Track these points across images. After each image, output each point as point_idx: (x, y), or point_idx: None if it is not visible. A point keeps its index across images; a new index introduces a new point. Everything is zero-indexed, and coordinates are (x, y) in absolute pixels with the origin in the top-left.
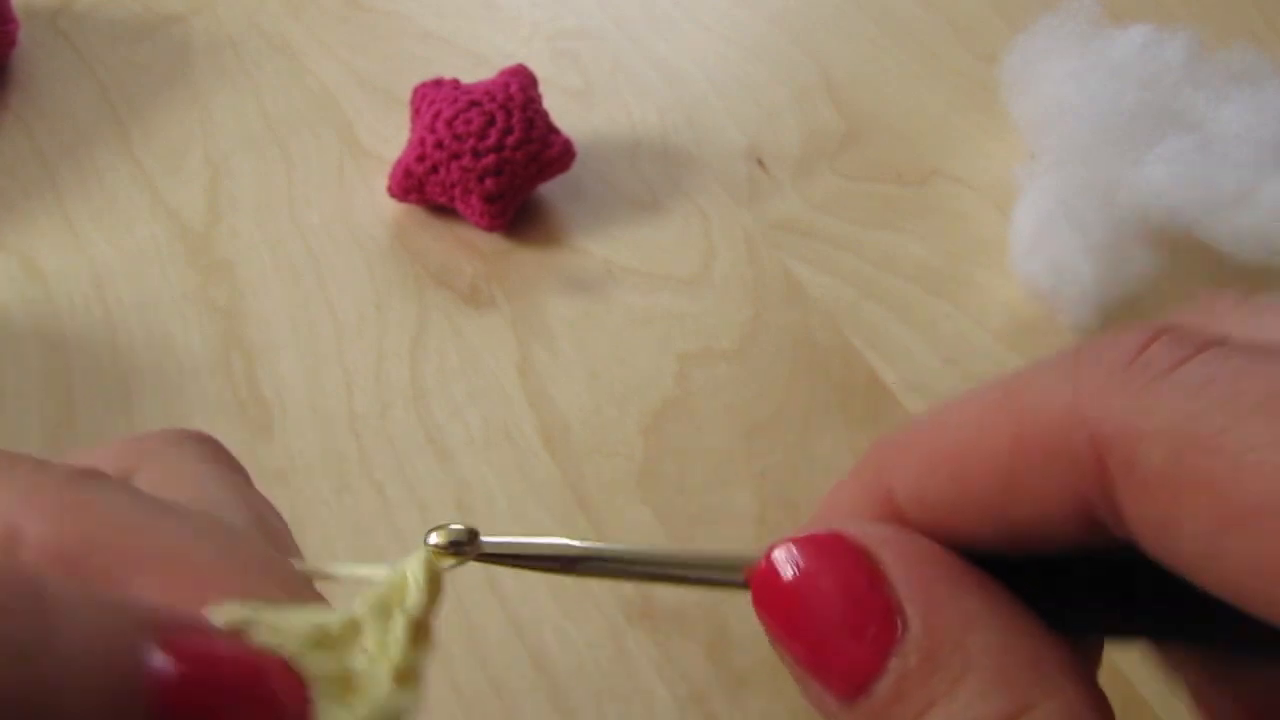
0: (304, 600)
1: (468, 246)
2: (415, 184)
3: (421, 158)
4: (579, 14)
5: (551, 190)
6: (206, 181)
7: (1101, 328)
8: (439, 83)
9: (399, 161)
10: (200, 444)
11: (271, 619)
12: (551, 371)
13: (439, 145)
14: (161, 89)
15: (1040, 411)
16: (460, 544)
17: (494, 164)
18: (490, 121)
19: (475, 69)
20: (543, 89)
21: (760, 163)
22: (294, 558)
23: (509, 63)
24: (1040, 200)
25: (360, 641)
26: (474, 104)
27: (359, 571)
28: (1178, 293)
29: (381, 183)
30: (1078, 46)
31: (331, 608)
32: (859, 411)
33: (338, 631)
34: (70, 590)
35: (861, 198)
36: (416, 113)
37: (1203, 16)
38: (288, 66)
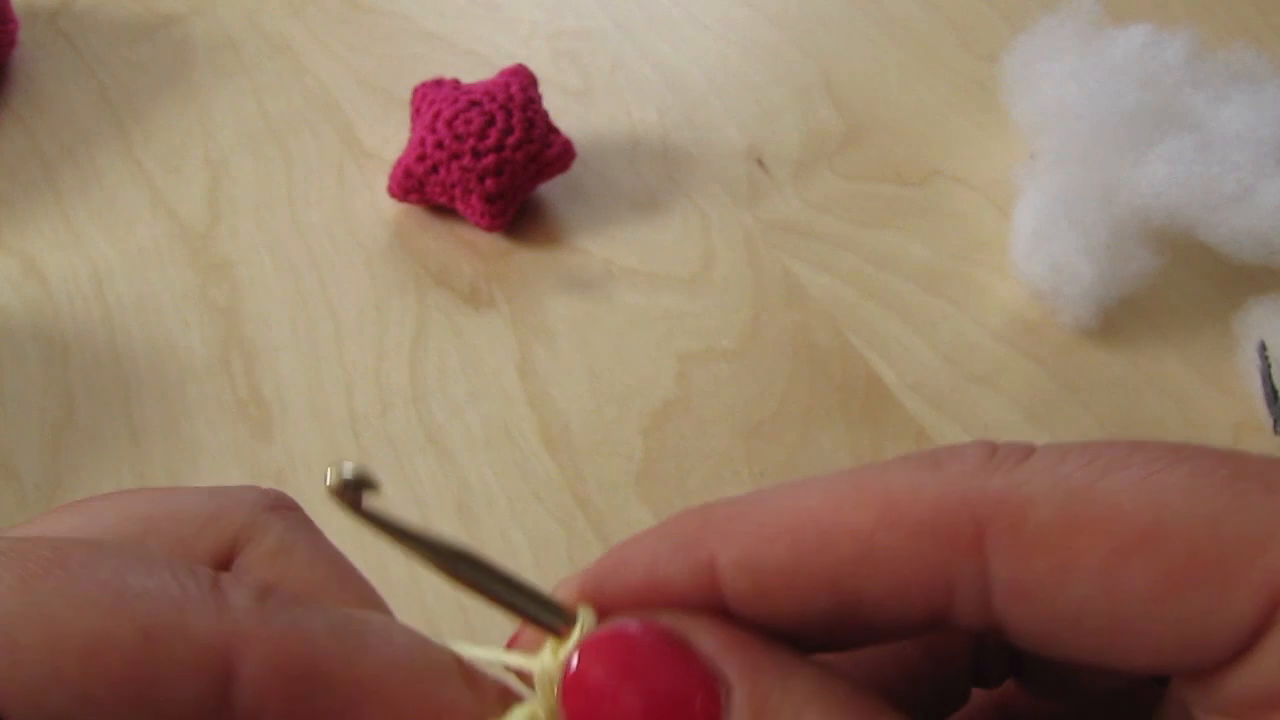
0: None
1: (468, 246)
2: (415, 184)
3: (422, 158)
4: (579, 14)
5: (551, 190)
6: (206, 181)
7: (1101, 328)
8: (439, 83)
9: (399, 161)
10: (293, 513)
11: None
12: (551, 371)
13: (439, 145)
14: (161, 89)
15: (906, 492)
16: (350, 490)
17: (494, 164)
18: (490, 121)
19: (475, 69)
20: (543, 89)
21: (760, 163)
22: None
23: (509, 63)
24: (1040, 200)
25: None
26: (474, 104)
27: (501, 658)
28: (1178, 293)
29: (381, 183)
30: (1078, 46)
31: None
32: (859, 411)
33: None
34: None
35: (861, 198)
36: (417, 113)
37: (1203, 16)
38: (288, 66)
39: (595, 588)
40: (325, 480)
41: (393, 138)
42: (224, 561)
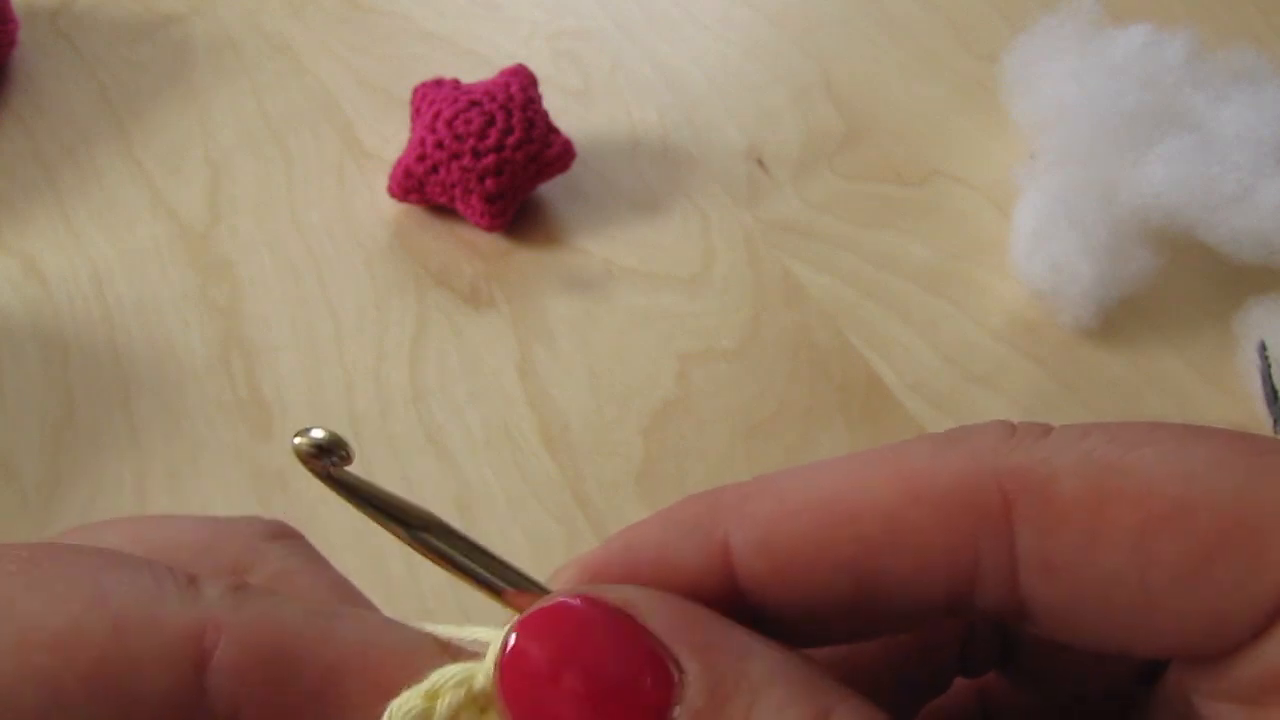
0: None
1: (468, 246)
2: (415, 184)
3: (422, 158)
4: (579, 14)
5: (551, 190)
6: (206, 181)
7: (1101, 328)
8: (439, 83)
9: (399, 161)
10: (294, 541)
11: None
12: (551, 371)
13: (439, 145)
14: (161, 89)
15: (930, 467)
16: (320, 454)
17: (494, 164)
18: (490, 121)
19: (475, 69)
20: (543, 89)
21: (760, 163)
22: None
23: (509, 63)
24: (1040, 200)
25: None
26: (474, 104)
27: (466, 634)
28: (1178, 293)
29: (381, 183)
30: (1078, 46)
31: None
32: (859, 411)
33: (491, 696)
34: None
35: (861, 198)
36: (417, 113)
37: (1203, 16)
38: (288, 66)
39: (598, 574)
40: (292, 442)
41: (393, 138)
42: None
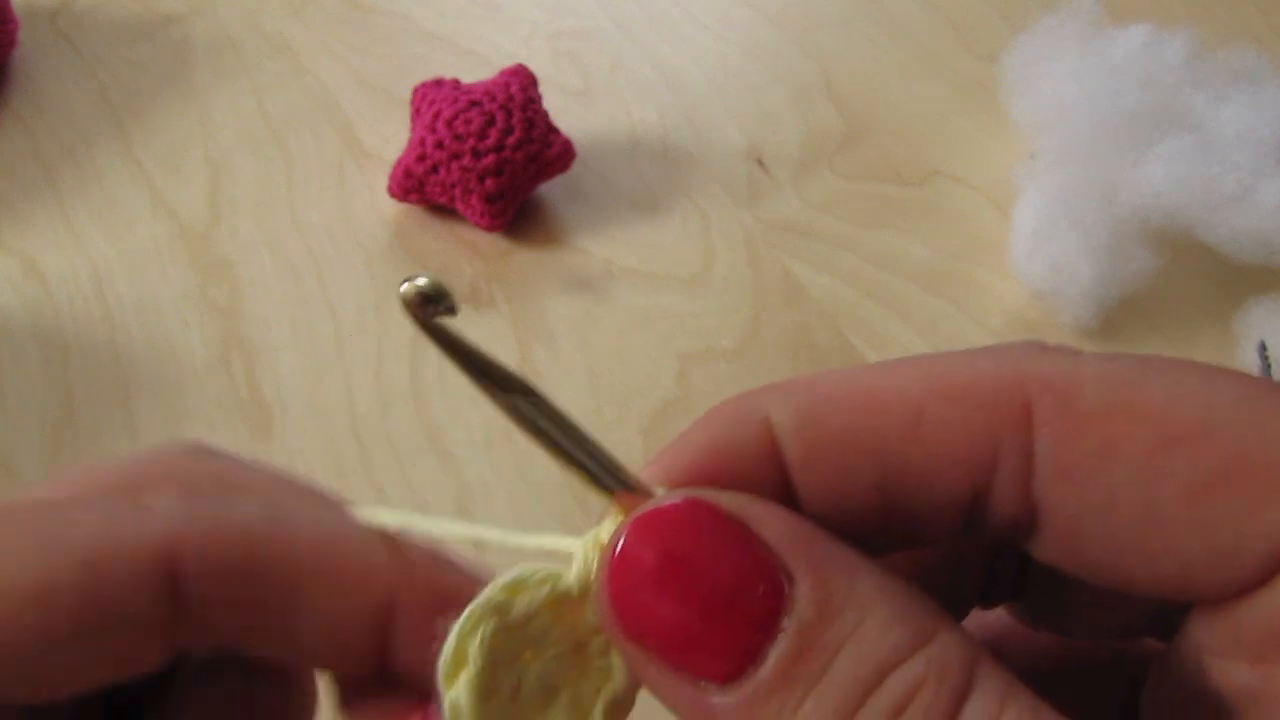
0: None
1: (468, 246)
2: (415, 184)
3: (422, 158)
4: (579, 14)
5: (551, 190)
6: (206, 181)
7: (1101, 328)
8: (439, 83)
9: (399, 161)
10: (219, 453)
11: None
12: (552, 371)
13: (439, 145)
14: (161, 89)
15: (960, 368)
16: (425, 302)
17: (494, 164)
18: (490, 121)
19: (475, 69)
20: (543, 89)
21: (760, 163)
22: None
23: (509, 63)
24: (1040, 200)
25: (586, 610)
26: (474, 104)
27: (543, 542)
28: (1178, 293)
29: (381, 183)
30: (1078, 46)
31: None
32: None
33: (575, 598)
34: None
35: (861, 198)
36: (417, 113)
37: (1203, 16)
38: (288, 66)
39: (672, 474)
40: (399, 290)
41: (393, 138)
42: None
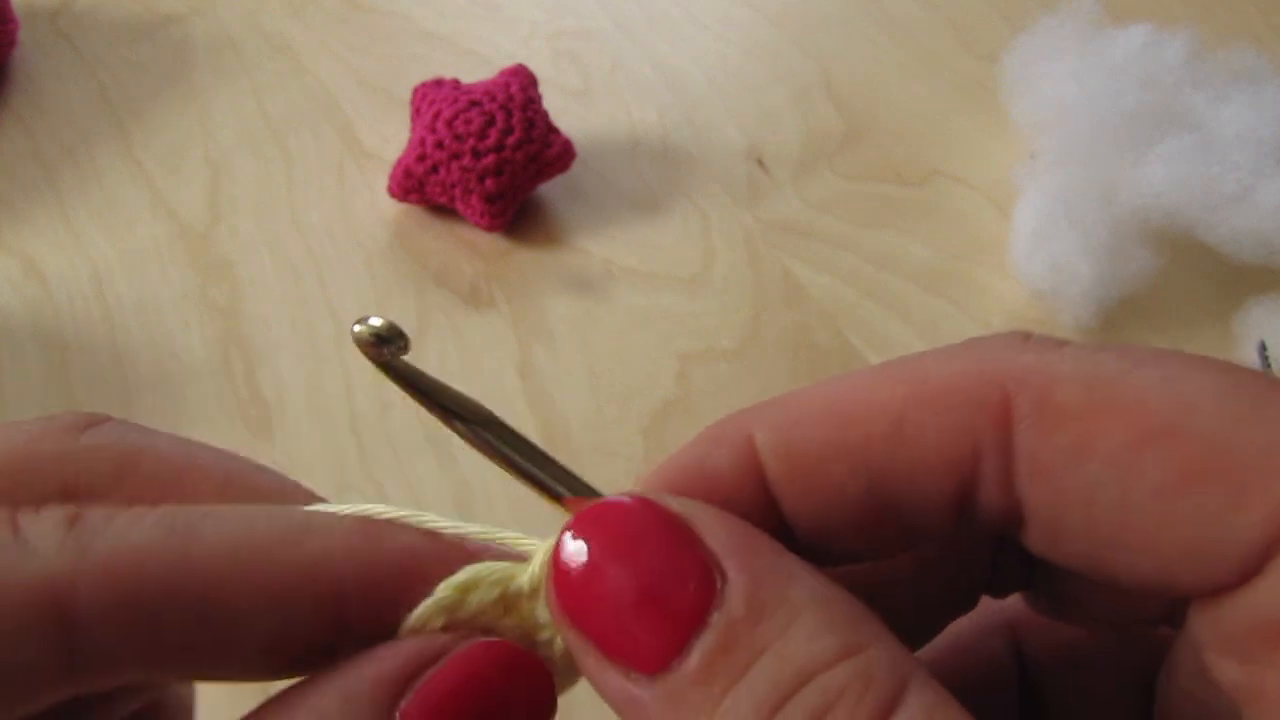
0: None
1: (468, 246)
2: (415, 184)
3: (422, 158)
4: (579, 14)
5: (551, 190)
6: (206, 181)
7: (1101, 328)
8: (439, 83)
9: (399, 161)
10: (112, 424)
11: (465, 593)
12: (551, 371)
13: (439, 145)
14: (161, 89)
15: (938, 370)
16: (378, 342)
17: (494, 164)
18: (490, 121)
19: (475, 69)
20: (543, 89)
21: (760, 163)
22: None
23: (509, 63)
24: (1040, 200)
25: (539, 606)
26: (474, 104)
27: (505, 535)
28: (1178, 293)
29: (381, 183)
30: (1078, 46)
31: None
32: None
33: (526, 596)
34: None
35: (861, 198)
36: (417, 113)
37: (1203, 16)
38: (288, 66)
39: (653, 489)
40: (351, 331)
41: (393, 138)
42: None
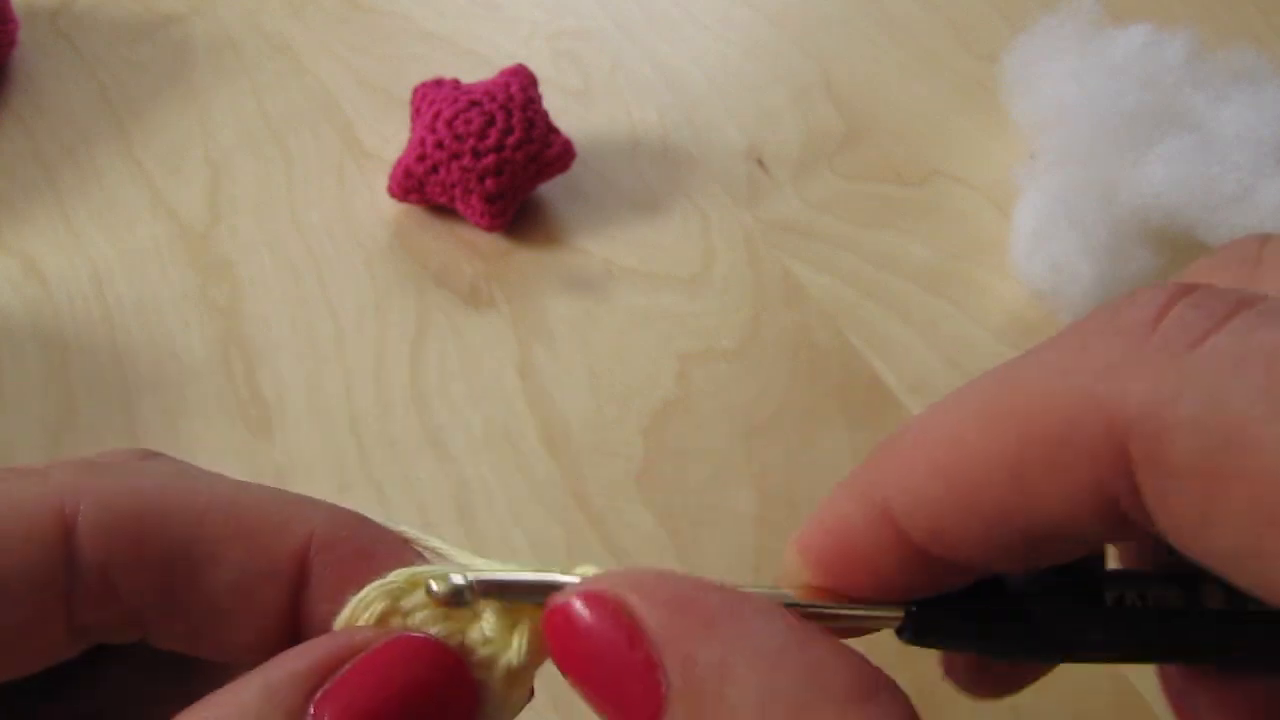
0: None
1: (468, 246)
2: (415, 184)
3: (422, 158)
4: (579, 14)
5: (551, 190)
6: (206, 181)
7: None
8: (439, 83)
9: (399, 161)
10: (164, 458)
11: (402, 591)
12: (551, 371)
13: (439, 145)
14: (161, 89)
15: (1048, 399)
16: (456, 596)
17: (494, 164)
18: (490, 121)
19: (475, 69)
20: (543, 89)
21: (760, 163)
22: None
23: (509, 63)
24: (1040, 200)
25: (480, 624)
26: (474, 104)
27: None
28: None
29: (381, 183)
30: (1078, 46)
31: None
32: (859, 411)
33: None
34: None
35: (861, 198)
36: (417, 113)
37: (1203, 16)
38: (288, 66)
39: (805, 545)
40: (432, 590)
41: (393, 138)
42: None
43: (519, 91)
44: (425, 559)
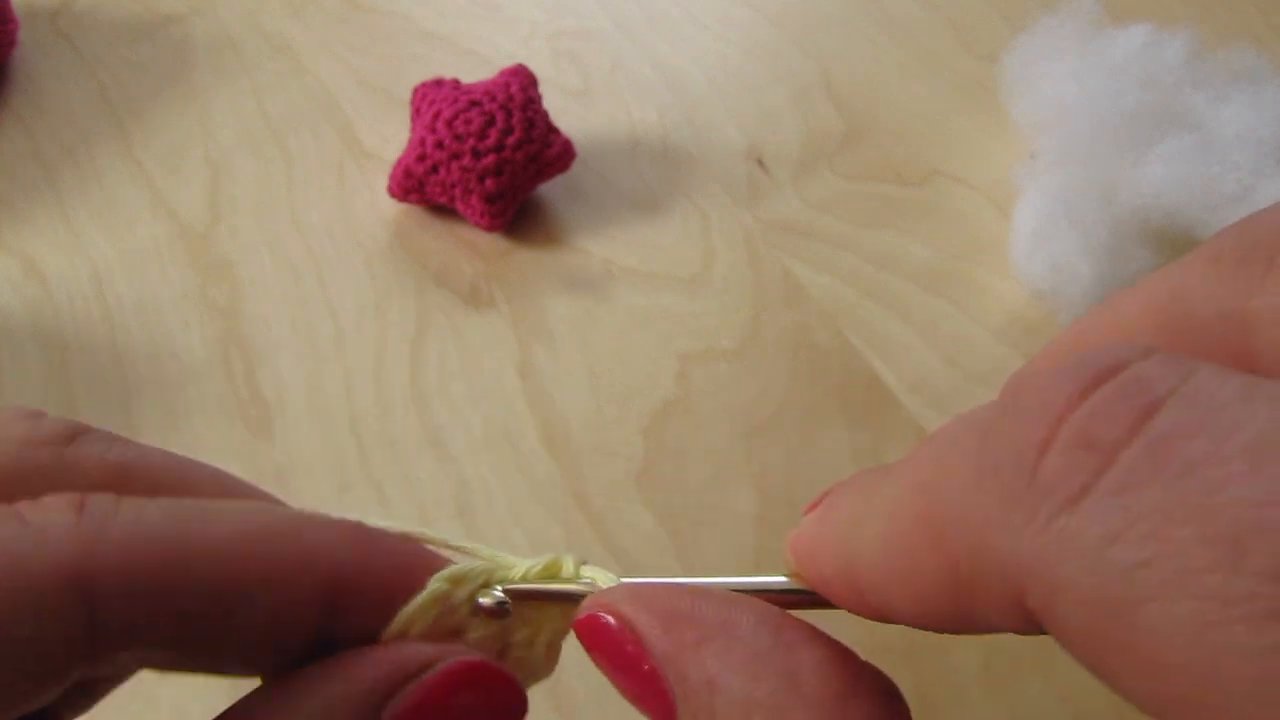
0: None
1: (468, 246)
2: (415, 184)
3: (422, 158)
4: (579, 14)
5: (551, 190)
6: (206, 181)
7: None
8: (439, 83)
9: (399, 161)
10: (94, 433)
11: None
12: (551, 371)
13: (439, 145)
14: (161, 89)
15: (957, 532)
16: (500, 607)
17: (494, 164)
18: (490, 121)
19: (475, 69)
20: (543, 89)
21: (760, 163)
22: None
23: (509, 63)
24: (1040, 200)
25: (520, 628)
26: (474, 104)
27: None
28: None
29: (381, 183)
30: (1078, 46)
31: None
32: (859, 411)
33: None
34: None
35: (861, 198)
36: (417, 113)
37: (1203, 16)
38: (288, 66)
39: (800, 553)
40: (480, 604)
41: (393, 138)
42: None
43: (519, 91)
44: (442, 557)
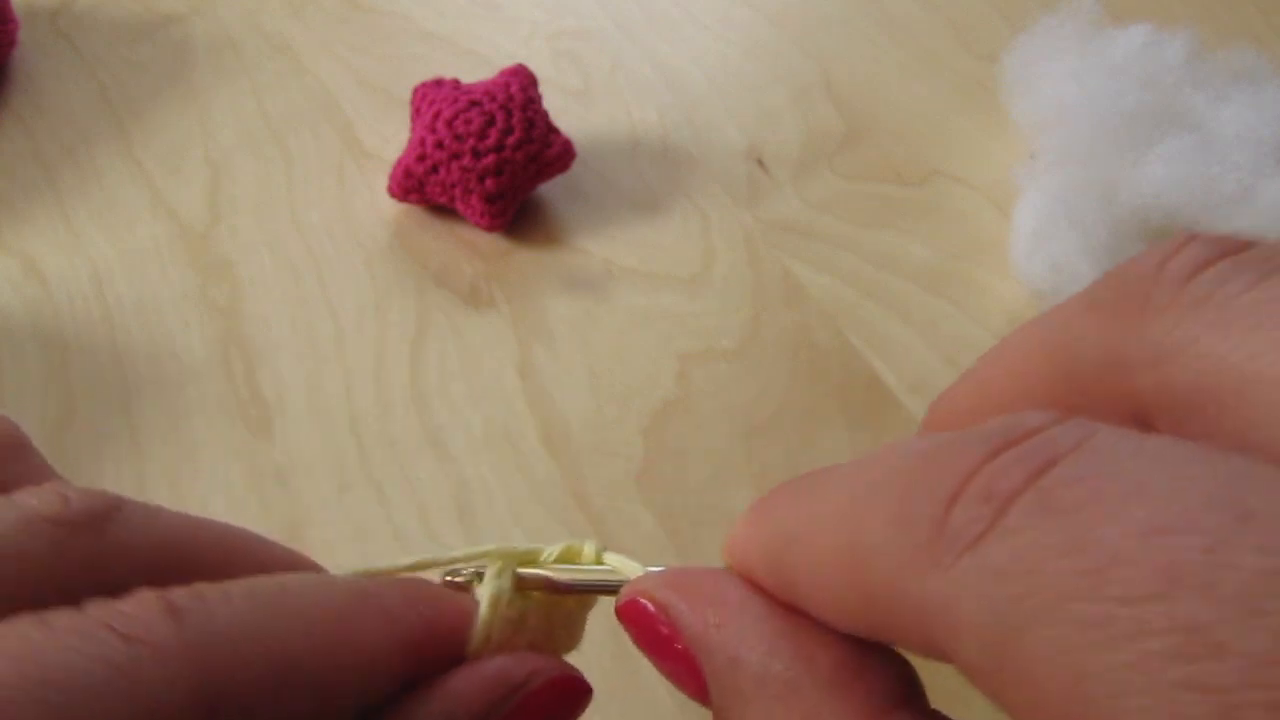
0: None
1: (468, 246)
2: (415, 184)
3: (422, 158)
4: (579, 14)
5: (551, 190)
6: (206, 181)
7: None
8: (439, 83)
9: (399, 161)
10: (141, 506)
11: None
12: (551, 371)
13: (439, 145)
14: (161, 89)
15: (877, 568)
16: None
17: (494, 164)
18: (490, 121)
19: (475, 69)
20: (543, 89)
21: (760, 163)
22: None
23: (509, 63)
24: (1040, 200)
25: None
26: (474, 104)
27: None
28: None
29: (381, 183)
30: (1078, 46)
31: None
32: (859, 411)
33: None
34: None
35: (861, 198)
36: (417, 113)
37: (1203, 16)
38: (288, 66)
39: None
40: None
41: (393, 138)
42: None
43: (519, 91)
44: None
